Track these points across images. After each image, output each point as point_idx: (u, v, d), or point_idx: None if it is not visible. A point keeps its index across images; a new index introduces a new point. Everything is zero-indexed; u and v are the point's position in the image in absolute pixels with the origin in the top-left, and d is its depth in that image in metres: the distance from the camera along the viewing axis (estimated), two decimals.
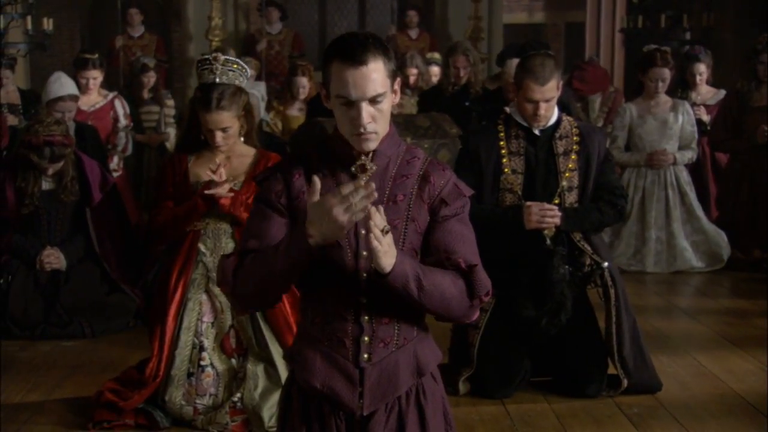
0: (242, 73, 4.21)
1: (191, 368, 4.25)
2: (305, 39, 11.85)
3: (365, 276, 2.32)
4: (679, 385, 4.81)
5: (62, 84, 6.60)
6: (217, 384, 4.26)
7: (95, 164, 5.85)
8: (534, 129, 4.55)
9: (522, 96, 4.48)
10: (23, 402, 4.61)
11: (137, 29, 10.98)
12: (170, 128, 8.48)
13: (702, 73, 7.97)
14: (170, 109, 8.62)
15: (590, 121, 8.74)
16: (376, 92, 2.29)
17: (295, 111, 8.24)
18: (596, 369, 4.64)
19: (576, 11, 13.82)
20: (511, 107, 4.66)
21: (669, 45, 8.52)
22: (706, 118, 7.82)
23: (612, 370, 4.66)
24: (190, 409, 4.22)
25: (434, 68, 8.84)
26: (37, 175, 5.70)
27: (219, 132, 4.15)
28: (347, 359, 2.37)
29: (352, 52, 2.27)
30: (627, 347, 4.60)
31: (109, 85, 8.27)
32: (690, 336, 5.75)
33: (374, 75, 2.28)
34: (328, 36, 12.40)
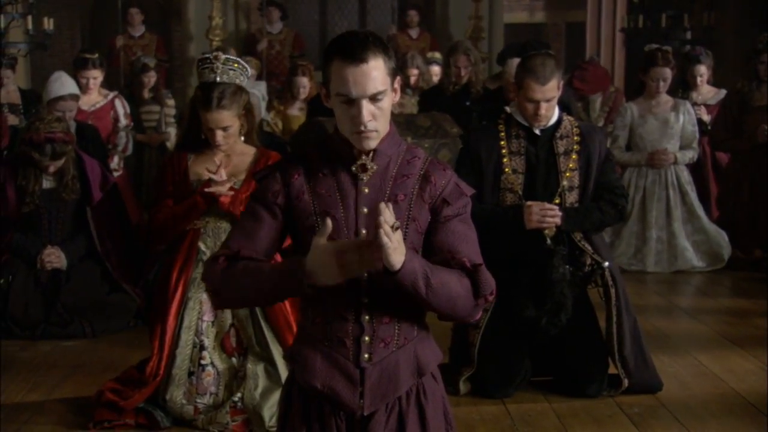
0: (243, 72, 4.20)
1: (192, 367, 4.25)
2: (306, 39, 11.84)
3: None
4: (680, 385, 4.80)
5: (63, 83, 6.60)
6: (218, 383, 4.26)
7: (96, 164, 5.85)
8: (534, 129, 4.54)
9: (523, 96, 4.48)
10: (23, 402, 4.60)
11: (138, 29, 10.97)
12: (171, 128, 8.47)
13: (702, 75, 7.97)
14: (171, 109, 8.61)
15: (591, 121, 8.72)
16: (377, 90, 2.29)
17: (296, 111, 8.23)
18: (597, 369, 4.64)
19: (576, 11, 13.79)
20: (512, 107, 4.65)
21: (670, 45, 8.51)
22: (707, 118, 7.82)
23: (612, 370, 4.66)
24: (191, 408, 4.22)
25: (435, 68, 8.82)
26: (38, 174, 5.70)
27: (219, 131, 4.15)
28: (348, 359, 2.36)
29: (352, 50, 2.27)
30: (627, 347, 4.60)
31: (110, 85, 8.27)
32: (691, 336, 5.75)
33: (374, 73, 2.28)
34: (329, 36, 12.37)
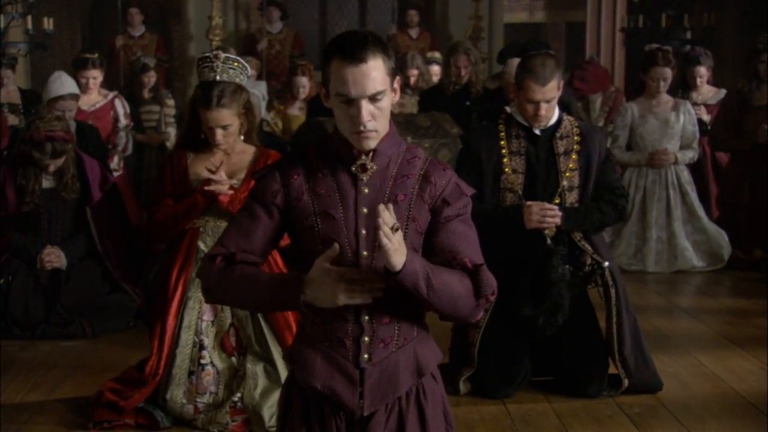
0: (243, 71, 4.20)
1: (191, 367, 4.25)
2: (306, 38, 11.84)
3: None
4: (680, 385, 4.80)
5: (63, 83, 6.59)
6: (218, 382, 4.26)
7: (95, 163, 5.84)
8: (535, 129, 4.54)
9: (523, 96, 4.47)
10: (23, 402, 4.60)
11: (138, 29, 10.96)
12: (170, 128, 8.47)
13: (702, 76, 7.97)
14: (170, 109, 8.61)
15: (591, 121, 8.73)
16: (376, 90, 2.28)
17: (296, 110, 8.23)
18: (597, 369, 4.64)
19: (576, 11, 13.79)
20: (512, 107, 4.65)
21: (670, 44, 8.51)
22: (707, 118, 7.82)
23: (613, 370, 4.65)
24: (191, 408, 4.21)
25: (435, 67, 8.82)
26: (38, 173, 5.69)
27: (219, 129, 4.14)
28: (347, 359, 2.36)
29: (352, 50, 2.27)
30: (628, 347, 4.60)
31: (110, 85, 8.27)
32: (691, 335, 5.75)
33: (374, 73, 2.28)
34: (329, 35, 12.36)
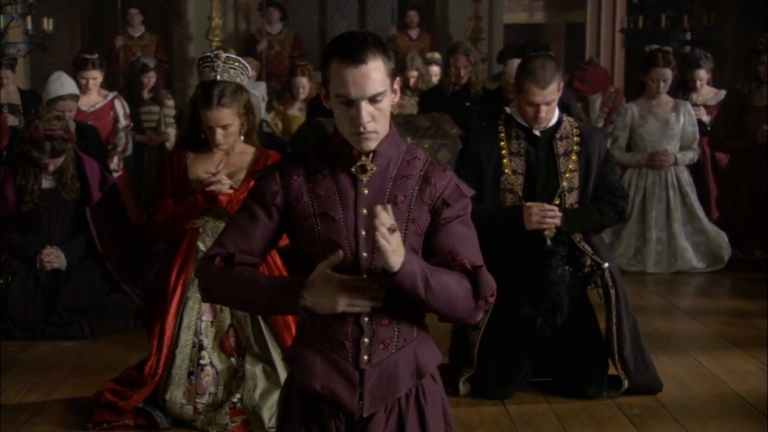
0: (243, 72, 4.20)
1: (191, 367, 4.24)
2: (305, 39, 11.84)
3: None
4: (680, 386, 4.80)
5: (62, 83, 6.59)
6: (217, 383, 4.25)
7: (95, 164, 5.84)
8: (534, 130, 4.54)
9: (523, 99, 4.47)
10: (23, 402, 4.60)
11: (137, 29, 10.96)
12: (170, 128, 8.47)
13: (702, 79, 7.98)
14: (170, 110, 8.61)
15: (591, 122, 8.72)
16: (376, 91, 2.28)
17: (296, 111, 8.23)
18: (597, 370, 4.63)
19: (576, 11, 13.79)
20: (512, 107, 4.65)
21: (670, 45, 8.51)
22: (706, 119, 7.82)
23: (612, 371, 4.65)
24: (190, 408, 4.21)
25: (434, 68, 8.81)
26: (38, 173, 5.69)
27: (219, 129, 4.14)
28: (347, 361, 2.36)
29: (352, 51, 2.27)
30: (627, 348, 4.59)
31: (109, 86, 8.26)
32: (690, 336, 5.74)
33: (374, 74, 2.28)
34: (329, 36, 12.37)
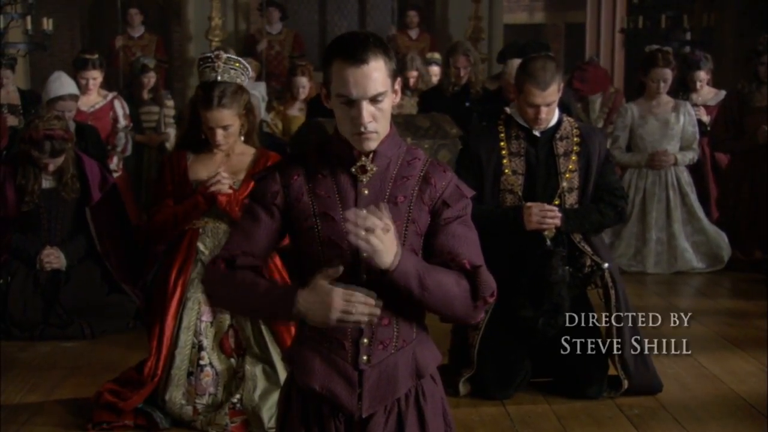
0: (244, 72, 4.20)
1: (191, 368, 4.24)
2: (305, 39, 11.84)
3: (365, 277, 2.31)
4: (680, 386, 4.80)
5: (62, 83, 6.59)
6: (216, 383, 4.25)
7: (95, 164, 5.84)
8: (534, 130, 4.54)
9: (523, 100, 4.47)
10: (23, 403, 4.60)
11: (137, 29, 10.97)
12: (170, 129, 8.47)
13: (702, 80, 7.98)
14: (170, 110, 8.61)
15: (590, 122, 8.72)
16: (377, 91, 2.28)
17: (296, 111, 8.23)
18: (597, 370, 4.63)
19: (576, 11, 13.79)
20: (512, 107, 4.65)
21: (670, 45, 8.51)
22: (706, 119, 7.82)
23: (612, 371, 4.65)
24: (190, 409, 4.21)
25: (434, 68, 8.81)
26: (37, 173, 5.68)
27: (220, 130, 4.14)
28: (346, 361, 2.36)
29: (353, 51, 2.27)
30: (627, 348, 4.59)
31: (109, 86, 8.27)
32: (690, 337, 5.73)
33: (375, 74, 2.28)
34: (329, 36, 12.37)
